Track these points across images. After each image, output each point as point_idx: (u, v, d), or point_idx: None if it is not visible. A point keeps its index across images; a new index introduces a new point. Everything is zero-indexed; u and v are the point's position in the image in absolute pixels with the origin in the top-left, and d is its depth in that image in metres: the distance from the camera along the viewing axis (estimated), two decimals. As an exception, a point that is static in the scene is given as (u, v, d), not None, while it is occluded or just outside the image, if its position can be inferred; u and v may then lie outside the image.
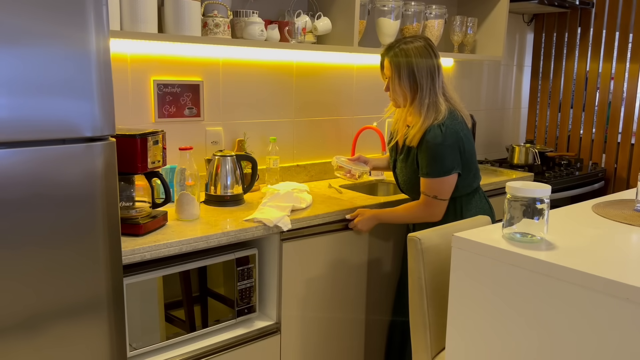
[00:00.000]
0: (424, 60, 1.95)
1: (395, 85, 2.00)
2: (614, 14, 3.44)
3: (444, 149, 1.92)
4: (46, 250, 1.33)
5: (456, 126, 1.95)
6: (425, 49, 1.97)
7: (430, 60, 1.96)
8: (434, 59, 1.97)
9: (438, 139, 1.91)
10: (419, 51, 1.96)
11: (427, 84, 1.95)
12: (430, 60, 1.96)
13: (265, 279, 2.03)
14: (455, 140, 1.93)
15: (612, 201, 1.70)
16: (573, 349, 1.13)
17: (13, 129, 1.25)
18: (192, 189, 1.90)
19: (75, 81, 1.31)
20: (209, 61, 2.31)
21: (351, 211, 2.12)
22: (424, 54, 1.96)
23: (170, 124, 2.24)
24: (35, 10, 1.23)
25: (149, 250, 1.62)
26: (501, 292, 1.24)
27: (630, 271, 1.10)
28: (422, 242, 1.54)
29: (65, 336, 1.40)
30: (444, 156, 1.92)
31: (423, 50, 1.96)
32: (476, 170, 2.09)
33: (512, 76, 3.80)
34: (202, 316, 1.86)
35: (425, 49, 1.97)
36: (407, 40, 2.00)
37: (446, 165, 1.93)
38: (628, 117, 3.46)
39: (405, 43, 1.99)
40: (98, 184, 1.39)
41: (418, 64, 1.95)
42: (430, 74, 1.95)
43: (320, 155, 2.77)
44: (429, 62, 1.95)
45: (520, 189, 1.24)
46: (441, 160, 1.93)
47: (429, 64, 1.95)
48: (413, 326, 1.60)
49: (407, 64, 1.95)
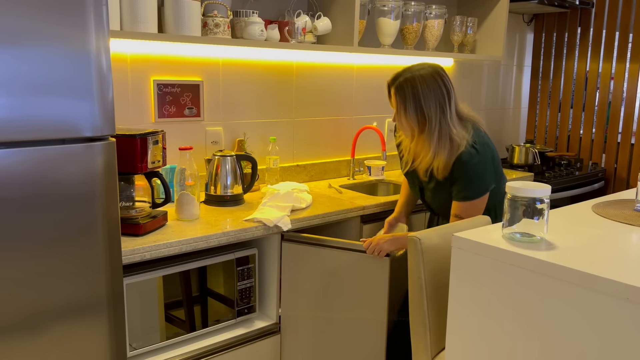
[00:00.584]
0: (431, 91, 1.80)
1: (402, 117, 1.86)
2: (614, 14, 3.44)
3: (485, 166, 1.83)
4: (46, 250, 1.33)
5: (484, 139, 1.87)
6: (432, 77, 1.81)
7: (438, 90, 1.81)
8: (443, 87, 1.82)
9: (475, 158, 1.80)
10: (426, 81, 1.80)
11: (436, 116, 1.80)
12: (438, 90, 1.81)
13: (265, 279, 2.03)
14: (489, 154, 1.85)
15: (612, 201, 1.70)
16: (573, 349, 1.13)
17: (13, 129, 1.25)
18: (192, 189, 1.90)
19: (75, 81, 1.31)
20: (209, 61, 2.31)
21: (351, 211, 2.12)
22: (431, 84, 1.80)
23: (170, 124, 2.24)
24: (35, 10, 1.23)
25: (149, 250, 1.62)
26: (501, 292, 1.24)
27: (630, 271, 1.10)
28: (422, 242, 1.54)
29: (65, 336, 1.40)
30: (484, 173, 1.83)
31: (430, 80, 1.81)
32: (502, 173, 2.00)
33: (512, 76, 3.80)
34: (202, 316, 1.86)
35: (433, 78, 1.81)
36: (413, 69, 1.85)
37: (486, 182, 1.85)
38: (628, 117, 3.46)
39: (411, 72, 1.83)
40: (98, 184, 1.39)
41: (425, 96, 1.80)
42: (439, 105, 1.80)
43: (320, 155, 2.77)
44: (438, 92, 1.81)
45: (520, 189, 1.24)
46: (482, 178, 1.83)
47: (438, 94, 1.81)
48: (413, 326, 1.60)
49: (413, 96, 1.81)
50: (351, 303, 2.23)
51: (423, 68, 1.83)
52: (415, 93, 1.80)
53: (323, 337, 2.15)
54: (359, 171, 2.87)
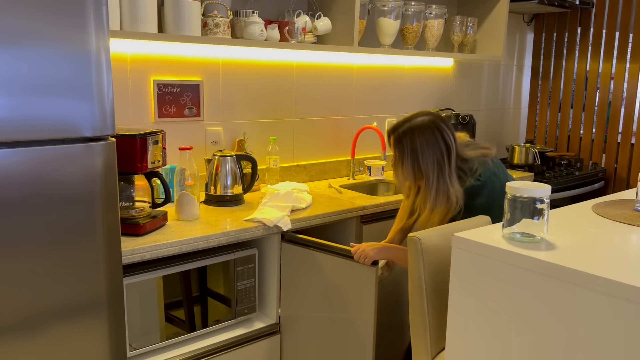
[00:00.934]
0: (430, 147, 1.73)
1: (399, 170, 1.80)
2: (614, 14, 3.44)
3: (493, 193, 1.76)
4: (46, 250, 1.33)
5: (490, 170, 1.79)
6: (432, 132, 1.73)
7: (437, 146, 1.73)
8: (442, 143, 1.74)
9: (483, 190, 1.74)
10: (425, 136, 1.73)
11: (433, 173, 1.73)
12: (437, 146, 1.73)
13: (265, 279, 2.03)
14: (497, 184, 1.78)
15: (612, 201, 1.70)
16: (573, 348, 1.13)
17: (13, 129, 1.25)
18: (192, 189, 1.90)
19: (75, 81, 1.31)
20: (209, 61, 2.31)
21: (351, 211, 2.12)
22: (430, 139, 1.73)
23: (170, 124, 2.24)
24: (35, 10, 1.23)
25: (149, 250, 1.62)
26: (501, 292, 1.24)
27: (630, 271, 1.10)
28: (422, 242, 1.54)
29: (65, 336, 1.40)
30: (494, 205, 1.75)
31: (429, 135, 1.73)
32: None
33: (512, 76, 3.80)
34: (202, 316, 1.86)
35: (432, 133, 1.73)
36: (413, 121, 1.77)
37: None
38: (628, 117, 3.46)
39: (410, 124, 1.76)
40: (98, 184, 1.39)
41: (423, 152, 1.73)
42: (437, 163, 1.73)
43: (320, 155, 2.77)
44: (436, 148, 1.73)
45: (520, 189, 1.24)
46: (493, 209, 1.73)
47: (436, 151, 1.73)
48: (413, 326, 1.60)
49: (411, 151, 1.74)
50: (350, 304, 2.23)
51: (423, 121, 1.76)
52: (413, 148, 1.74)
53: (323, 337, 2.15)
54: (359, 171, 2.87)
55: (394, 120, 3.05)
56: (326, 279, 2.11)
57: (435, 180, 1.73)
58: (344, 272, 1.99)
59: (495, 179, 1.78)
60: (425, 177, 1.74)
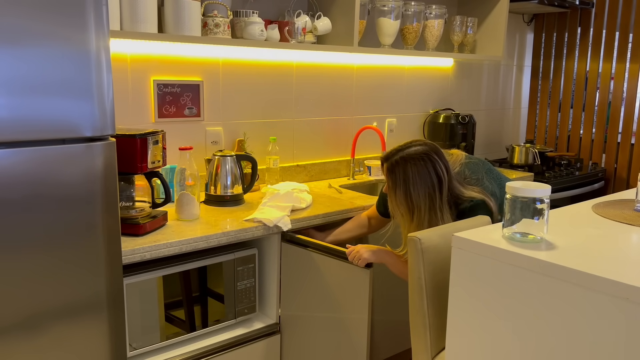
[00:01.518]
0: (422, 179, 1.72)
1: (392, 198, 1.80)
2: (614, 14, 3.44)
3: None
4: (46, 250, 1.33)
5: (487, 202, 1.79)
6: (424, 164, 1.73)
7: (429, 178, 1.73)
8: (434, 176, 1.73)
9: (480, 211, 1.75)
10: (417, 168, 1.72)
11: (425, 205, 1.73)
12: (429, 178, 1.73)
13: (265, 279, 2.03)
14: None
15: (612, 201, 1.70)
16: (573, 348, 1.13)
17: (13, 129, 1.25)
18: (192, 189, 1.90)
19: (75, 81, 1.31)
20: (209, 61, 2.31)
21: (351, 211, 2.12)
22: (422, 171, 1.72)
23: (170, 124, 2.24)
24: (35, 10, 1.23)
25: (149, 250, 1.62)
26: (501, 292, 1.24)
27: (630, 271, 1.10)
28: (422, 242, 1.54)
29: (65, 336, 1.40)
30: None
31: (421, 167, 1.73)
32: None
33: (512, 76, 3.80)
34: (202, 316, 1.86)
35: (425, 165, 1.73)
36: (407, 151, 1.76)
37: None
38: (628, 117, 3.46)
39: (403, 154, 1.75)
40: (98, 184, 1.39)
41: (415, 184, 1.72)
42: (429, 195, 1.73)
43: (320, 155, 2.77)
44: (428, 181, 1.73)
45: (520, 189, 1.24)
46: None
47: (428, 183, 1.72)
48: (413, 326, 1.60)
49: (403, 182, 1.74)
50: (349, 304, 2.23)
51: (416, 151, 1.74)
52: (405, 179, 1.73)
53: (323, 338, 2.15)
54: (359, 171, 2.87)
55: (394, 120, 3.05)
56: (326, 279, 2.11)
57: (426, 212, 1.73)
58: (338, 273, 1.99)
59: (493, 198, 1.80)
60: (417, 209, 1.74)
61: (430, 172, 1.73)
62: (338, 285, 2.01)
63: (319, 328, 2.13)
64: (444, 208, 1.75)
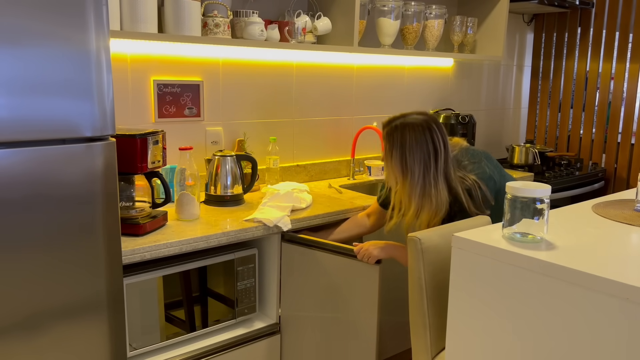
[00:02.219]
0: (418, 146, 1.76)
1: (388, 162, 1.83)
2: (614, 14, 3.44)
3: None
4: (46, 250, 1.33)
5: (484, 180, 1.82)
6: (422, 132, 1.77)
7: (425, 146, 1.76)
8: (430, 145, 1.77)
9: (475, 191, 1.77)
10: (415, 134, 1.76)
11: (419, 171, 1.76)
12: (425, 146, 1.76)
13: (265, 279, 2.03)
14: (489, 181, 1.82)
15: (612, 201, 1.70)
16: (573, 348, 1.13)
17: (13, 129, 1.25)
18: (192, 189, 1.90)
19: (75, 81, 1.31)
20: (209, 61, 2.31)
21: (351, 211, 2.12)
22: (419, 138, 1.76)
23: (170, 124, 2.24)
24: (35, 10, 1.23)
25: (149, 250, 1.62)
26: (501, 292, 1.24)
27: (630, 271, 1.10)
28: (422, 242, 1.54)
29: (65, 336, 1.40)
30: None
31: (420, 134, 1.76)
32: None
33: (512, 76, 3.80)
34: (202, 316, 1.86)
35: (423, 133, 1.77)
36: (408, 117, 1.81)
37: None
38: (628, 117, 3.46)
39: (404, 120, 1.80)
40: (98, 184, 1.39)
41: (411, 148, 1.76)
42: (424, 162, 1.76)
43: (320, 155, 2.77)
44: (424, 148, 1.76)
45: (520, 189, 1.24)
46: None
47: (424, 150, 1.76)
48: (413, 326, 1.60)
49: (400, 145, 1.78)
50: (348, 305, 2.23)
51: (417, 119, 1.79)
52: (402, 143, 1.77)
53: (323, 338, 2.15)
54: (359, 171, 2.87)
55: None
56: (326, 278, 2.11)
57: (421, 178, 1.76)
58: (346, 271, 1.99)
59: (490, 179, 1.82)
60: (411, 174, 1.77)
61: (427, 140, 1.76)
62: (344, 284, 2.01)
63: (319, 328, 2.13)
64: (439, 179, 1.77)
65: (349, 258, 1.89)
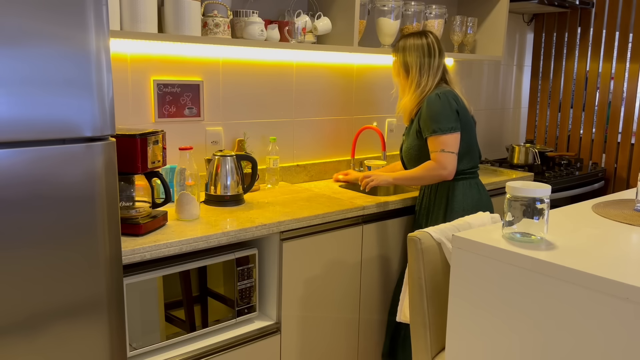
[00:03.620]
0: (415, 47, 2.23)
1: (395, 68, 2.30)
2: (614, 14, 3.44)
3: (442, 108, 2.13)
4: (46, 250, 1.33)
5: (452, 95, 2.18)
6: (419, 37, 2.25)
7: (420, 49, 2.22)
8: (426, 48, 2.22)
9: (435, 99, 2.15)
10: (414, 40, 2.25)
11: (416, 66, 2.22)
12: (420, 49, 2.22)
13: (265, 279, 2.04)
14: (451, 104, 2.15)
15: (612, 201, 1.70)
16: (573, 348, 1.13)
17: (13, 129, 1.25)
18: (192, 189, 1.90)
19: (75, 81, 1.31)
20: (209, 61, 2.31)
21: (351, 211, 2.12)
22: (417, 42, 2.24)
23: (170, 124, 2.24)
24: (35, 10, 1.23)
25: (149, 250, 1.62)
26: (501, 292, 1.24)
27: (630, 271, 1.10)
28: (422, 242, 1.54)
29: (65, 336, 1.40)
30: (442, 114, 2.12)
31: (417, 39, 2.25)
32: (469, 152, 2.23)
33: (512, 76, 3.81)
34: (202, 316, 1.86)
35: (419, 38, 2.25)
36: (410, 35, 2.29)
37: (447, 122, 2.12)
38: (628, 117, 3.46)
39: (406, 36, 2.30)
40: (98, 184, 1.39)
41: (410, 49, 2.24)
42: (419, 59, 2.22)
43: (320, 155, 2.77)
44: (420, 49, 2.23)
45: (520, 188, 1.24)
46: (440, 117, 2.12)
47: (420, 50, 2.22)
48: (413, 326, 1.60)
49: (402, 49, 2.26)
50: (351, 304, 2.23)
51: (417, 33, 2.29)
52: (404, 48, 2.26)
53: (323, 337, 2.15)
54: (359, 171, 2.87)
55: (394, 120, 3.05)
56: (326, 278, 2.11)
57: (417, 72, 2.22)
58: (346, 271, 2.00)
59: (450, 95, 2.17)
60: (410, 68, 2.24)
61: (423, 44, 2.24)
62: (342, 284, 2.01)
63: (319, 328, 2.13)
64: (430, 75, 2.22)
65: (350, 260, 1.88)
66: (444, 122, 2.12)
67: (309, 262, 2.04)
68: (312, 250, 2.05)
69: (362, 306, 2.27)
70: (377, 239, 2.26)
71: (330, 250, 2.10)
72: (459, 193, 2.18)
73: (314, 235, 2.04)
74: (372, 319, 2.32)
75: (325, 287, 2.12)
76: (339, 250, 2.13)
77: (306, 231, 2.02)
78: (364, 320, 2.29)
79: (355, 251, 2.19)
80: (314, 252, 2.06)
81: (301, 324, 2.07)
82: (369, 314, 2.30)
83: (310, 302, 2.08)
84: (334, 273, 2.14)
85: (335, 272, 2.14)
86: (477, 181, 2.26)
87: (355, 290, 2.23)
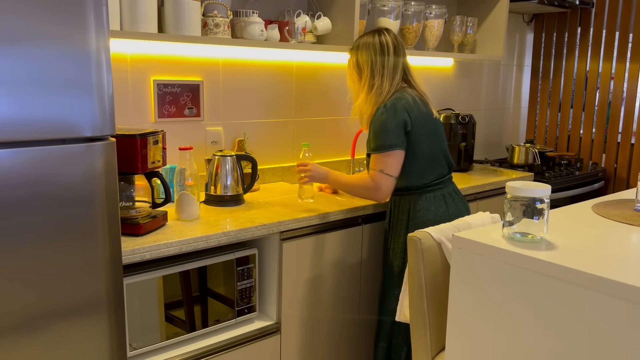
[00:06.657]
0: (366, 46, 2.05)
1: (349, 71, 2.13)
2: (614, 14, 3.44)
3: (386, 123, 1.96)
4: (46, 250, 1.33)
5: (402, 106, 1.98)
6: (371, 35, 2.06)
7: (372, 47, 2.03)
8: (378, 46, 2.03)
9: (381, 112, 1.98)
10: (365, 39, 2.06)
11: (367, 68, 2.03)
12: (372, 47, 2.03)
13: (265, 279, 2.03)
14: (397, 116, 1.96)
15: (612, 201, 1.70)
16: (573, 348, 1.13)
17: (13, 129, 1.25)
18: (192, 189, 1.90)
19: (76, 81, 1.31)
20: (209, 61, 2.31)
21: (351, 210, 2.12)
22: (368, 41, 2.05)
23: (170, 124, 2.24)
24: (35, 10, 1.23)
25: (149, 250, 1.62)
26: (501, 292, 1.24)
27: (630, 271, 1.10)
28: (422, 242, 1.54)
29: (65, 336, 1.40)
30: (385, 130, 1.96)
31: (369, 38, 2.06)
32: (432, 162, 2.04)
33: (512, 76, 3.81)
34: (202, 316, 1.86)
35: (372, 37, 2.05)
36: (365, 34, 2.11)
37: (389, 139, 1.96)
38: (628, 117, 3.46)
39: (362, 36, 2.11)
40: (98, 184, 1.39)
41: (361, 49, 2.06)
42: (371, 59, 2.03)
43: (320, 155, 2.77)
44: (371, 47, 2.03)
45: (520, 188, 1.24)
46: (382, 134, 1.97)
47: (371, 49, 2.03)
48: (413, 326, 1.60)
49: (356, 48, 2.09)
50: (352, 304, 2.23)
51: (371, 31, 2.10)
52: (357, 46, 2.09)
53: (323, 337, 2.15)
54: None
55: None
56: (327, 278, 2.11)
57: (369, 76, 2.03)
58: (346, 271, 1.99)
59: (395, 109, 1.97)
60: (363, 72, 2.06)
61: (375, 42, 2.04)
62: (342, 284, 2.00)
63: (319, 328, 2.13)
64: (385, 76, 2.03)
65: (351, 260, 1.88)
66: (386, 138, 1.96)
67: (309, 262, 2.04)
68: (312, 250, 2.04)
69: (362, 306, 2.27)
70: (377, 239, 2.26)
71: (330, 250, 2.10)
72: (420, 207, 2.03)
73: (314, 235, 2.04)
74: (372, 319, 2.32)
75: (325, 287, 2.12)
76: (339, 250, 2.13)
77: (306, 231, 2.02)
78: (364, 320, 2.29)
79: (355, 251, 2.19)
80: (314, 252, 2.06)
81: (301, 324, 2.07)
82: (369, 314, 2.30)
83: (310, 302, 2.08)
84: (334, 273, 2.14)
85: (335, 272, 2.14)
86: (444, 192, 2.07)
87: (355, 290, 2.23)
